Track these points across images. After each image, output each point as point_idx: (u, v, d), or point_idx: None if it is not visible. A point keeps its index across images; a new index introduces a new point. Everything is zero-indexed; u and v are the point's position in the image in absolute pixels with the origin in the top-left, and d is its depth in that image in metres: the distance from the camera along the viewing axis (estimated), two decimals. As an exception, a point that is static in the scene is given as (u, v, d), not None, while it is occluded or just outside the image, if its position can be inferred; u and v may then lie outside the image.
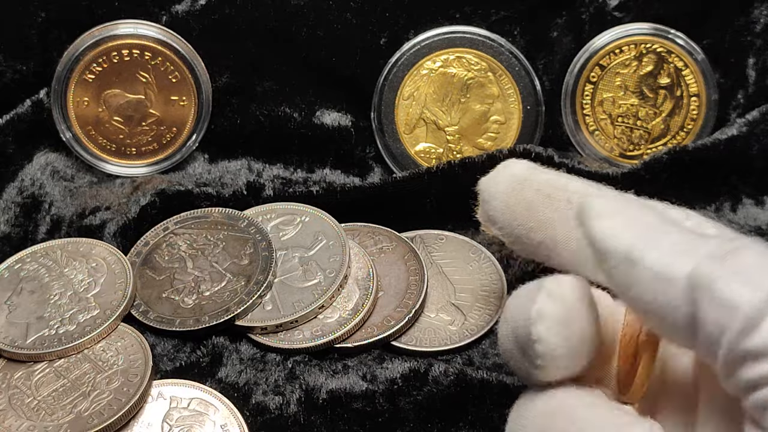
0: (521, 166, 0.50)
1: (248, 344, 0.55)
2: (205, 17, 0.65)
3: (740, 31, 0.67)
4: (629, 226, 0.37)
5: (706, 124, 0.67)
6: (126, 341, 0.54)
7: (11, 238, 0.62)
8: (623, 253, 0.36)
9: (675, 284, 0.34)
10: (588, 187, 0.47)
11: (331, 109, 0.68)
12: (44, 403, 0.51)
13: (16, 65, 0.66)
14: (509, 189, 0.49)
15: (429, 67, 0.66)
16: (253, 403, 0.52)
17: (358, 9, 0.66)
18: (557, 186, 0.48)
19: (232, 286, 0.57)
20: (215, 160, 0.67)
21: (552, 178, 0.48)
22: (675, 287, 0.34)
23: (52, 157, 0.66)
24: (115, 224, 0.61)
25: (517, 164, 0.50)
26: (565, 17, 0.67)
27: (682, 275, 0.34)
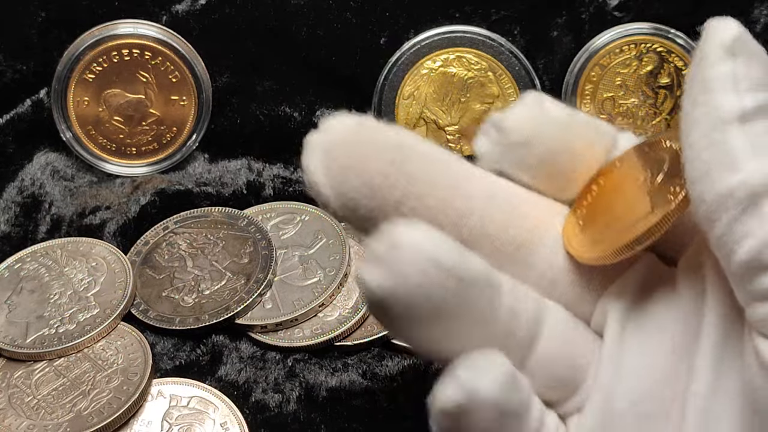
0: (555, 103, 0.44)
1: (248, 343, 0.55)
2: (205, 17, 0.65)
3: (740, 31, 0.67)
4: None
5: (707, 123, 0.67)
6: (126, 340, 0.54)
7: (11, 237, 0.62)
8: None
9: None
10: (615, 129, 0.45)
11: (331, 108, 0.68)
12: (44, 402, 0.51)
13: (16, 65, 0.66)
14: (555, 134, 0.44)
15: (429, 67, 0.66)
16: (252, 401, 0.52)
17: (358, 9, 0.66)
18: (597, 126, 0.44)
19: (232, 285, 0.57)
20: (215, 159, 0.67)
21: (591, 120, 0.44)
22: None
23: (52, 157, 0.66)
24: (115, 224, 0.61)
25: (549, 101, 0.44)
26: (565, 17, 0.67)
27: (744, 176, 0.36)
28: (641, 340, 0.42)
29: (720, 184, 0.36)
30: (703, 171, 0.36)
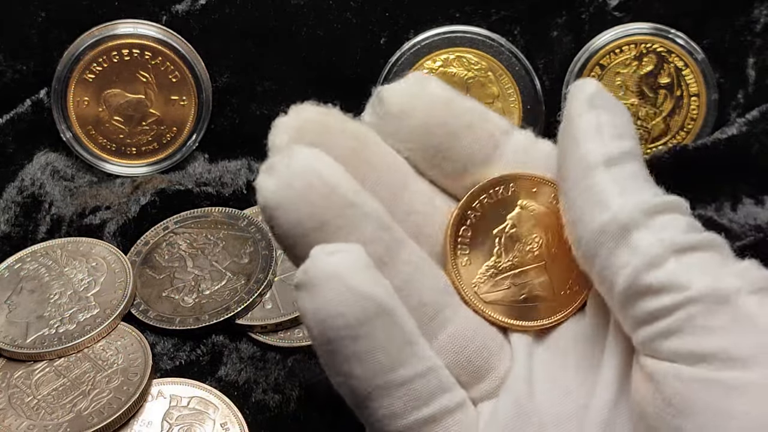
0: (440, 85, 0.46)
1: (248, 343, 0.55)
2: (205, 17, 0.65)
3: (740, 31, 0.67)
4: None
5: (706, 123, 0.67)
6: (126, 340, 0.54)
7: (11, 237, 0.62)
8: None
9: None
10: (506, 121, 0.47)
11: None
12: (44, 402, 0.51)
13: (16, 65, 0.66)
14: (429, 109, 0.45)
15: (429, 67, 0.66)
16: (253, 402, 0.52)
17: (358, 9, 0.66)
18: (479, 115, 0.46)
19: (232, 285, 0.57)
20: (215, 159, 0.67)
21: (473, 105, 0.46)
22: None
23: (52, 157, 0.66)
24: (115, 224, 0.61)
25: (434, 82, 0.46)
26: (565, 17, 0.67)
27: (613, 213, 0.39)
28: (546, 359, 0.45)
29: (593, 223, 0.39)
30: (578, 215, 0.40)
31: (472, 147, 0.45)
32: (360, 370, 0.39)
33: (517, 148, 0.46)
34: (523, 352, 0.45)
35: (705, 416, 0.36)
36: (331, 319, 0.38)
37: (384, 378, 0.39)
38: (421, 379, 0.40)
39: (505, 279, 0.46)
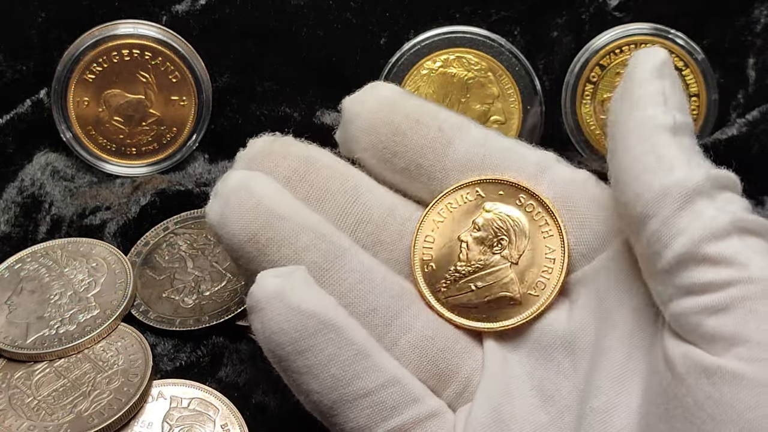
0: (390, 88, 0.49)
1: (248, 344, 0.55)
2: (205, 17, 0.65)
3: (740, 31, 0.67)
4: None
5: (706, 124, 0.67)
6: (126, 341, 0.54)
7: (11, 238, 0.62)
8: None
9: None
10: (459, 119, 0.47)
11: (331, 109, 0.68)
12: (44, 402, 0.51)
13: (16, 65, 0.66)
14: (376, 110, 0.48)
15: (429, 67, 0.66)
16: (253, 403, 0.52)
17: (358, 9, 0.66)
18: (427, 112, 0.47)
19: (232, 286, 0.57)
20: (215, 160, 0.67)
21: (422, 104, 0.48)
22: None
23: (52, 157, 0.66)
24: (115, 224, 0.61)
25: (386, 86, 0.49)
26: (565, 17, 0.67)
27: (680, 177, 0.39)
28: (526, 361, 0.45)
29: (655, 183, 0.39)
30: (638, 173, 0.39)
31: (420, 142, 0.47)
32: (316, 385, 0.41)
33: (473, 143, 0.46)
34: (498, 355, 0.45)
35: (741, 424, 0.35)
36: (275, 336, 0.41)
37: (341, 391, 0.41)
38: (384, 390, 0.41)
39: (469, 282, 0.46)
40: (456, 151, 0.46)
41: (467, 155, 0.46)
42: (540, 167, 0.46)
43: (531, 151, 0.47)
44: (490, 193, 0.46)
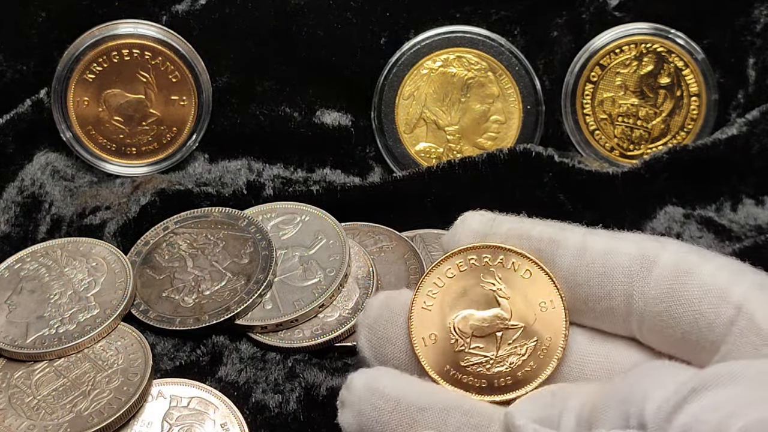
0: (479, 219, 0.47)
1: (248, 343, 0.55)
2: (205, 17, 0.65)
3: (740, 31, 0.67)
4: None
5: (706, 124, 0.67)
6: (126, 340, 0.54)
7: (11, 237, 0.62)
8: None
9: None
10: (552, 230, 0.46)
11: (331, 108, 0.68)
12: (44, 402, 0.51)
13: (16, 65, 0.66)
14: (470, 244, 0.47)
15: (429, 67, 0.66)
16: (253, 402, 0.52)
17: (358, 9, 0.66)
18: (521, 235, 0.46)
19: (232, 285, 0.57)
20: (215, 159, 0.67)
21: (514, 227, 0.46)
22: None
23: (52, 157, 0.66)
24: (115, 224, 0.61)
25: (475, 217, 0.48)
26: (565, 17, 0.67)
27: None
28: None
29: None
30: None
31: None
32: None
33: (573, 256, 0.45)
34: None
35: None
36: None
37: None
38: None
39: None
40: (560, 269, 0.45)
41: (570, 269, 0.45)
42: (645, 263, 0.44)
43: (632, 244, 0.44)
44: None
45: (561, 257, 0.45)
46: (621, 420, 0.38)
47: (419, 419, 0.43)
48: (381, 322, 0.46)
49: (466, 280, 0.46)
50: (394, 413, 0.43)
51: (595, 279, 0.44)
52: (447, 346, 0.45)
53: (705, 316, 0.42)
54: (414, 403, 0.43)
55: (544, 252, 0.45)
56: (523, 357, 0.45)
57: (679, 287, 0.42)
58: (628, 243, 0.44)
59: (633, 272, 0.43)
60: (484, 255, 0.46)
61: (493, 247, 0.46)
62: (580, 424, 0.40)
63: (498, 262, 0.46)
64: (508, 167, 0.62)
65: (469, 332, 0.45)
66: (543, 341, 0.45)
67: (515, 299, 0.45)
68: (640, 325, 0.43)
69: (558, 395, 0.43)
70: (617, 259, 0.44)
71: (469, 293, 0.46)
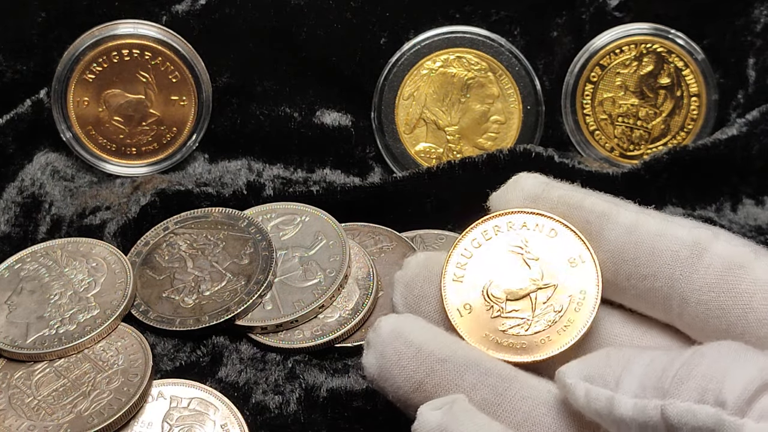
0: (533, 182, 0.47)
1: (248, 344, 0.55)
2: (205, 17, 0.65)
3: (740, 31, 0.67)
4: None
5: (706, 124, 0.67)
6: (126, 341, 0.54)
7: (11, 237, 0.62)
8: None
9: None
10: (605, 204, 0.46)
11: (331, 109, 0.68)
12: (44, 402, 0.51)
13: (16, 65, 0.66)
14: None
15: (429, 67, 0.66)
16: (253, 403, 0.52)
17: (358, 9, 0.66)
18: (572, 204, 0.46)
19: (232, 286, 0.57)
20: (215, 160, 0.67)
21: (566, 194, 0.46)
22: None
23: (52, 157, 0.66)
24: (115, 224, 0.61)
25: (529, 180, 0.47)
26: (565, 17, 0.67)
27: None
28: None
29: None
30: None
31: None
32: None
33: (623, 231, 0.45)
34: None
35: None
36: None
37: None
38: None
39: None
40: (607, 242, 0.45)
41: (618, 245, 0.45)
42: (696, 250, 0.43)
43: (684, 230, 0.44)
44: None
45: (610, 231, 0.45)
46: (697, 394, 0.38)
47: (437, 369, 0.43)
48: (419, 281, 0.47)
49: (493, 249, 0.46)
50: (413, 360, 0.43)
51: (643, 258, 0.44)
52: (483, 313, 0.46)
53: (756, 312, 0.42)
54: (434, 353, 0.43)
55: (592, 224, 0.45)
56: (560, 313, 0.45)
57: (732, 279, 0.42)
58: (680, 228, 0.44)
59: (682, 257, 0.43)
60: (508, 221, 0.46)
61: (514, 211, 0.46)
62: (645, 390, 0.39)
63: (522, 225, 0.46)
64: (508, 168, 0.62)
65: (503, 297, 0.46)
66: (576, 295, 0.45)
67: (544, 259, 0.46)
68: (682, 311, 0.43)
69: (614, 357, 0.42)
70: (668, 242, 0.44)
71: (497, 260, 0.46)
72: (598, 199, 0.46)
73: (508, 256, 0.46)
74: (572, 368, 0.42)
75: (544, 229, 0.46)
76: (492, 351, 0.45)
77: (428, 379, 0.43)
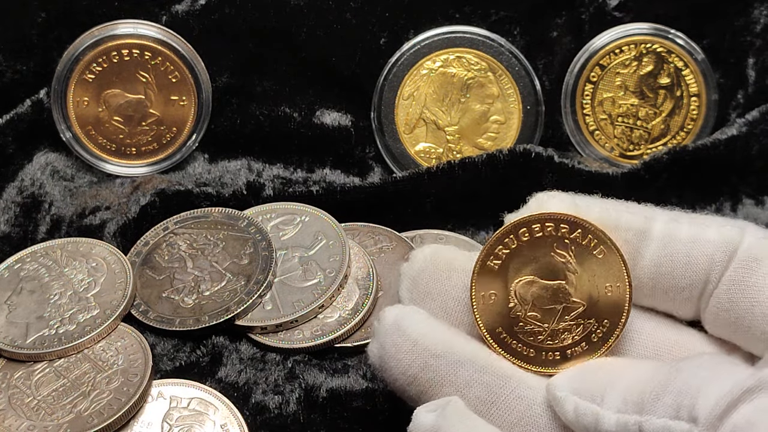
0: (557, 204, 0.45)
1: (248, 344, 0.55)
2: (205, 17, 0.65)
3: (740, 31, 0.67)
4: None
5: (706, 124, 0.67)
6: (126, 341, 0.54)
7: (11, 237, 0.62)
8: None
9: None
10: (638, 220, 0.45)
11: (331, 109, 0.68)
12: (44, 402, 0.51)
13: (16, 65, 0.66)
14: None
15: (429, 67, 0.66)
16: (252, 403, 0.52)
17: (358, 9, 0.66)
18: (609, 225, 0.45)
19: (231, 286, 0.57)
20: (215, 160, 0.67)
21: (602, 214, 0.45)
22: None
23: (52, 157, 0.66)
24: (115, 224, 0.61)
25: (552, 202, 0.45)
26: (565, 17, 0.67)
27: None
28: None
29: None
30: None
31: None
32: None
33: (658, 246, 0.45)
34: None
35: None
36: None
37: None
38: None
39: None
40: (643, 258, 0.44)
41: (654, 260, 0.44)
42: (728, 249, 0.43)
43: (714, 231, 0.44)
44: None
45: (647, 248, 0.44)
46: (672, 410, 0.38)
47: (432, 364, 0.43)
48: (424, 276, 0.46)
49: (539, 247, 0.45)
50: (409, 353, 0.43)
51: (679, 269, 0.44)
52: (504, 308, 0.45)
53: (762, 305, 0.42)
54: (430, 348, 0.43)
55: (630, 243, 0.44)
56: (576, 336, 0.45)
57: (743, 272, 0.42)
58: (710, 229, 0.44)
59: (715, 260, 0.43)
60: (562, 225, 0.44)
61: (574, 219, 0.44)
62: (627, 405, 0.40)
63: (575, 235, 0.45)
64: (508, 168, 0.62)
65: (530, 299, 0.45)
66: (600, 324, 0.45)
67: (583, 276, 0.45)
68: (705, 308, 0.44)
69: (604, 370, 0.43)
70: (701, 247, 0.44)
71: (538, 261, 0.45)
72: (632, 215, 0.45)
73: (550, 260, 0.45)
74: (562, 381, 0.42)
75: (595, 247, 0.44)
76: (498, 349, 0.45)
77: (422, 373, 0.43)
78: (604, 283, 0.45)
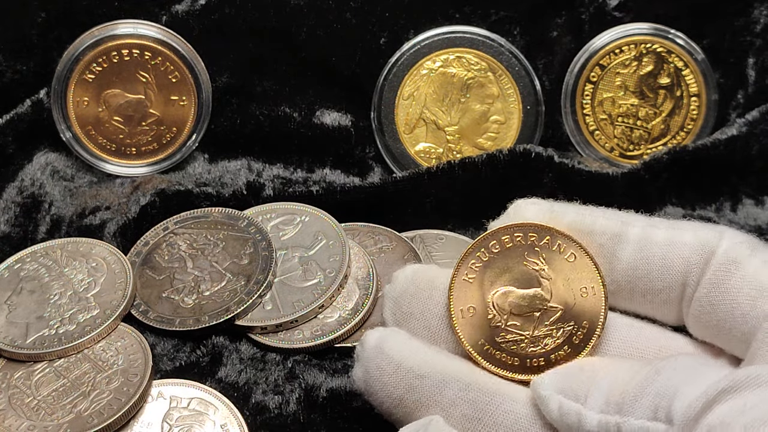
0: (535, 210, 0.47)
1: (248, 344, 0.55)
2: (205, 17, 0.65)
3: (740, 31, 0.67)
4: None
5: (706, 124, 0.67)
6: (126, 341, 0.54)
7: (11, 237, 0.62)
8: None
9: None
10: (614, 224, 0.45)
11: (331, 109, 0.68)
12: (44, 402, 0.51)
13: (16, 65, 0.66)
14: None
15: (429, 67, 0.66)
16: (252, 403, 0.52)
17: (358, 9, 0.66)
18: (584, 230, 0.46)
19: (231, 286, 0.57)
20: (215, 160, 0.67)
21: (576, 219, 0.46)
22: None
23: (52, 157, 0.66)
24: (115, 224, 0.61)
25: (530, 209, 0.47)
26: (565, 17, 0.67)
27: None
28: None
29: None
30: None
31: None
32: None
33: (633, 249, 0.45)
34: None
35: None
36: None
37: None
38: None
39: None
40: (620, 262, 0.45)
41: (630, 263, 0.45)
42: (704, 253, 0.44)
43: (691, 234, 0.44)
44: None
45: (622, 251, 0.45)
46: (650, 411, 0.39)
47: (416, 386, 0.43)
48: (406, 297, 0.47)
49: (510, 258, 0.46)
50: (393, 376, 0.44)
51: (655, 272, 0.44)
52: (484, 320, 0.46)
53: (741, 307, 0.42)
54: (414, 369, 0.44)
55: (605, 247, 0.45)
56: (558, 340, 0.45)
57: (723, 275, 0.43)
58: (687, 233, 0.44)
59: (691, 262, 0.44)
60: (531, 234, 0.46)
61: (540, 227, 0.45)
62: (609, 405, 0.40)
63: (544, 242, 0.45)
64: (508, 168, 0.62)
65: (508, 309, 0.46)
66: (580, 327, 0.45)
67: (557, 281, 0.45)
68: (687, 311, 0.44)
69: (587, 370, 0.43)
70: (678, 250, 0.44)
71: (511, 270, 0.46)
72: (607, 220, 0.46)
73: (523, 269, 0.46)
74: (547, 379, 0.43)
75: (565, 252, 0.45)
76: (483, 361, 0.45)
77: (408, 395, 0.43)
78: (579, 286, 0.45)
